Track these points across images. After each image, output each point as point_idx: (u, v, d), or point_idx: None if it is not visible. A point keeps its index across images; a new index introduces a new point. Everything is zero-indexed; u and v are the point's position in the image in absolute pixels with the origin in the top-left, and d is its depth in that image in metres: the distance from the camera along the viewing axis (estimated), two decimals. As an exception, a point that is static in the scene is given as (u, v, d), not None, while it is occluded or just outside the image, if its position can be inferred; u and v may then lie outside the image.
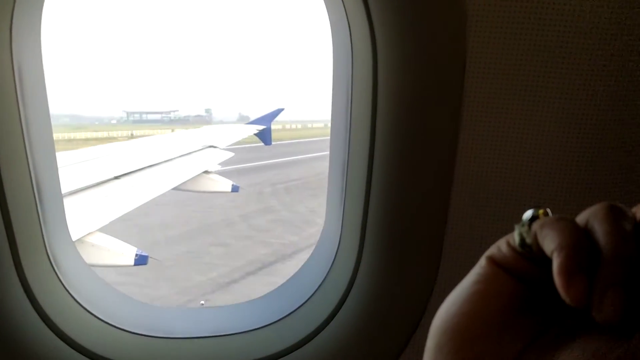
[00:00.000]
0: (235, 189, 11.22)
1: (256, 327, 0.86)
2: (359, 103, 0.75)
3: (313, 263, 0.92)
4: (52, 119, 0.87)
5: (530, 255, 0.35)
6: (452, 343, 0.34)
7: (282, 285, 0.94)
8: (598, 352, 0.30)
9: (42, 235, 0.79)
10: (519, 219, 0.36)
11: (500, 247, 0.36)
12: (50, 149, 0.82)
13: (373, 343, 0.81)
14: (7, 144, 0.71)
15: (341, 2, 0.74)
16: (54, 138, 0.84)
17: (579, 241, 0.31)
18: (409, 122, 0.70)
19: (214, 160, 11.65)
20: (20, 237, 0.74)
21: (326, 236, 0.90)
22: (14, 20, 0.73)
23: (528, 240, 0.35)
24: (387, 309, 0.81)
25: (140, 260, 6.79)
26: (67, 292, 0.83)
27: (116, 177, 8.31)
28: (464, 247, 0.79)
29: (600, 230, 0.31)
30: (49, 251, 0.81)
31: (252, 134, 14.53)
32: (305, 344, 0.82)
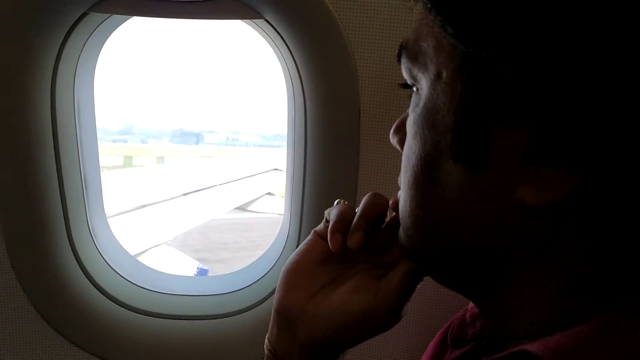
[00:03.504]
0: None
1: (226, 292, 1.20)
2: (299, 129, 1.08)
3: (272, 249, 1.24)
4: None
5: None
6: (286, 280, 0.52)
7: (250, 264, 1.27)
8: (361, 281, 0.50)
9: (86, 214, 1.17)
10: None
11: (321, 224, 0.54)
12: (95, 156, 1.21)
13: None
14: (67, 154, 1.10)
15: (284, 61, 1.07)
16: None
17: (342, 216, 0.50)
18: (330, 140, 1.01)
19: (278, 182, 11.95)
20: (71, 215, 1.12)
21: (282, 229, 1.22)
22: (79, 63, 1.10)
23: (329, 218, 0.52)
24: None
25: (201, 273, 7.08)
26: (100, 255, 1.21)
27: (184, 194, 8.91)
28: None
29: (361, 204, 0.51)
30: (89, 225, 1.18)
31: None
32: (253, 308, 1.14)
